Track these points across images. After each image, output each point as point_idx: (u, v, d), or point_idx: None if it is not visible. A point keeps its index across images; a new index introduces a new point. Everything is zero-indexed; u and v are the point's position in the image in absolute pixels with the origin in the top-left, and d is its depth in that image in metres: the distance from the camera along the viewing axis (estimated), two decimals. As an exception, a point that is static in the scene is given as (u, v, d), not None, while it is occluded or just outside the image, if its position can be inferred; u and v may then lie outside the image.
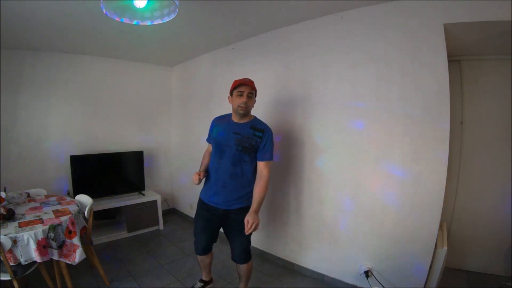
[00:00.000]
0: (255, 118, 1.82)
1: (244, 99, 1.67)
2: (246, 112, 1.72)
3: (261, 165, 1.73)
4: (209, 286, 2.13)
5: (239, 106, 1.68)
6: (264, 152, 1.72)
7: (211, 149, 1.90)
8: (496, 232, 2.23)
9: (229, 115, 1.83)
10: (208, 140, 1.93)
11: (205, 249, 1.93)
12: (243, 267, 1.86)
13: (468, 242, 2.33)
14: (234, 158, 1.71)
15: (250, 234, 1.70)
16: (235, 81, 1.74)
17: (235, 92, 1.71)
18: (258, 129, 1.74)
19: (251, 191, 1.74)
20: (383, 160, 1.92)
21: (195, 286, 2.08)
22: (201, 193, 1.89)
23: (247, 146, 1.70)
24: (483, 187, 2.27)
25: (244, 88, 1.68)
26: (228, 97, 1.79)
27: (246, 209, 1.70)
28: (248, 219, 1.61)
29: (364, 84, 1.97)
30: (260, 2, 1.89)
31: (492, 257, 2.26)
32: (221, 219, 1.79)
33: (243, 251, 1.80)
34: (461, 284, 2.18)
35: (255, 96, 1.77)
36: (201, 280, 2.11)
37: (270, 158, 1.74)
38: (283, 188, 2.50)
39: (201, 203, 1.86)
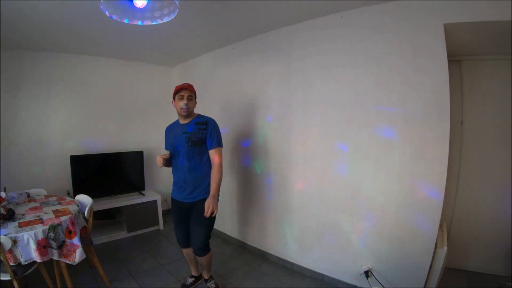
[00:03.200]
0: (198, 115, 1.98)
1: (184, 101, 1.85)
2: (188, 113, 1.89)
3: (211, 153, 1.90)
4: (199, 282, 2.23)
5: (181, 109, 1.87)
6: (211, 141, 1.88)
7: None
8: (496, 232, 2.23)
9: (177, 121, 2.01)
10: (166, 147, 2.06)
11: (185, 241, 2.03)
12: (202, 259, 1.99)
13: (468, 242, 2.33)
14: (187, 154, 1.88)
15: (208, 227, 1.92)
16: (176, 86, 1.91)
17: (176, 97, 1.89)
18: (201, 122, 1.91)
19: (210, 183, 1.90)
20: (383, 160, 1.92)
21: (186, 282, 2.18)
22: (171, 192, 2.05)
23: (195, 140, 1.86)
24: (483, 187, 2.27)
25: (184, 92, 1.86)
26: (172, 102, 1.96)
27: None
28: (206, 204, 1.80)
29: (364, 84, 1.97)
30: (260, 2, 1.89)
31: (492, 257, 2.26)
32: (188, 211, 1.94)
33: (200, 243, 1.91)
34: (461, 284, 2.18)
35: (195, 98, 1.97)
36: (192, 276, 2.22)
37: (218, 145, 1.90)
38: (283, 188, 2.50)
39: (172, 200, 2.04)
